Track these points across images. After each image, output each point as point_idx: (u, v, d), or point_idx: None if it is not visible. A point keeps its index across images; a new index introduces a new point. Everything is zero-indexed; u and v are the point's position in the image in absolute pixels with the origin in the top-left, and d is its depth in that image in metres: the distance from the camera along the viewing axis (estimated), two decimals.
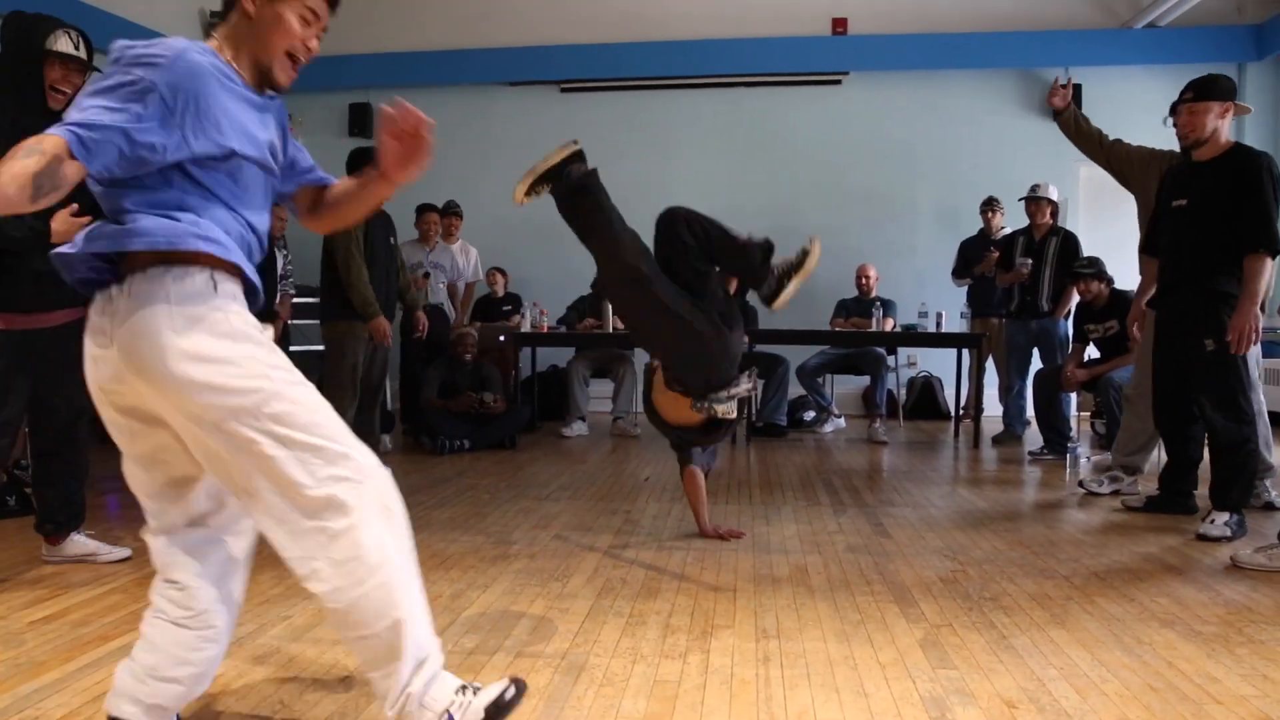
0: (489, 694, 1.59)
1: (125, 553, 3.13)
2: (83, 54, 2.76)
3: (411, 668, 1.55)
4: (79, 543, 3.09)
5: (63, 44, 2.70)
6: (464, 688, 1.60)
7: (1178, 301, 3.64)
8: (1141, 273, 4.21)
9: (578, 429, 6.49)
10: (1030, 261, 5.88)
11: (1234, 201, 3.46)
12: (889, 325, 6.67)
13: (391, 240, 5.21)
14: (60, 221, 2.56)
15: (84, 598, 2.69)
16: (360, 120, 8.43)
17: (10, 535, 3.37)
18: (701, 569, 3.07)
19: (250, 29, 1.62)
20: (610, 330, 6.39)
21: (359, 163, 4.66)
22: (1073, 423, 5.71)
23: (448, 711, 1.55)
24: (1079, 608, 2.64)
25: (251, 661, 2.19)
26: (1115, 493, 4.28)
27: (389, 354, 5.23)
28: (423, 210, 6.77)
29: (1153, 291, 3.87)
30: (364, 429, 4.97)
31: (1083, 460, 5.44)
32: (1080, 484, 4.47)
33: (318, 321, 5.14)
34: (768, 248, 3.20)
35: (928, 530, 3.66)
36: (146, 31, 7.42)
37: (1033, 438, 6.03)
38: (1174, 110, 3.68)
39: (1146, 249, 3.96)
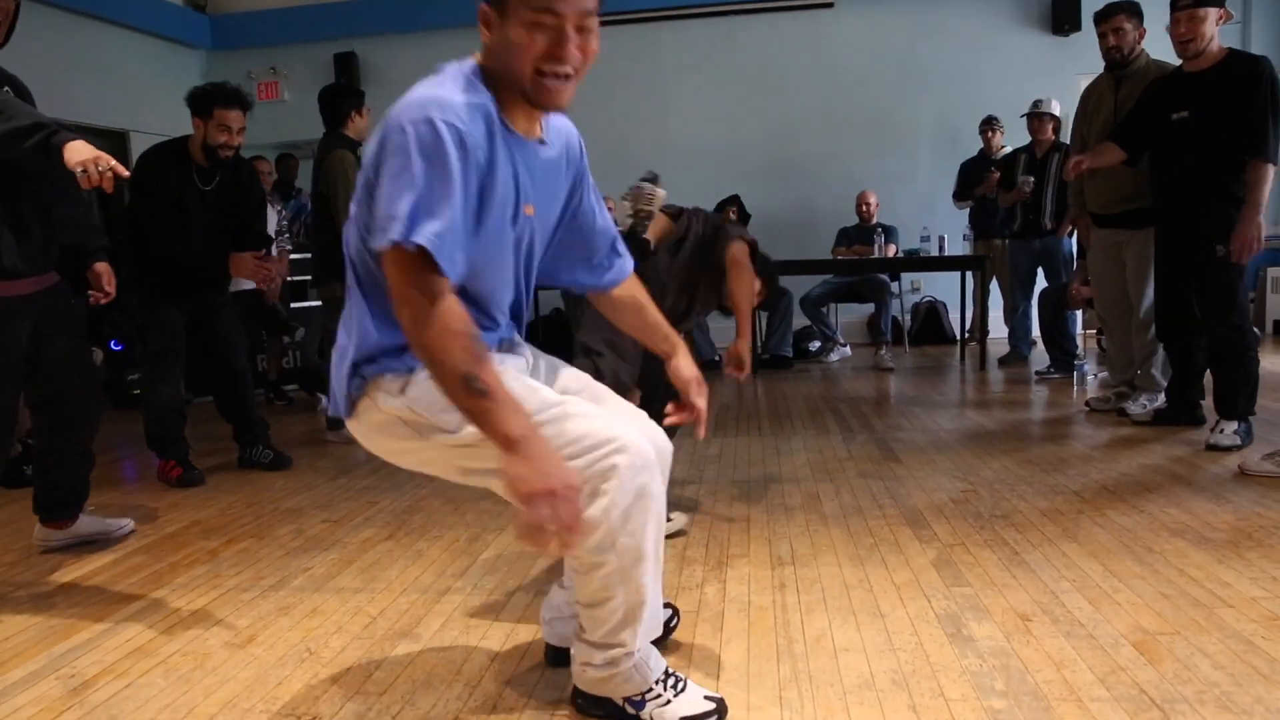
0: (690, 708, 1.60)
1: (129, 526, 3.00)
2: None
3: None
4: (85, 522, 2.90)
5: None
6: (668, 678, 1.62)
7: (1184, 211, 3.61)
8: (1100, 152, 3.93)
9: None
10: (1032, 180, 5.81)
11: (1236, 108, 3.41)
12: (891, 251, 6.63)
13: None
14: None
15: (108, 560, 2.74)
16: (346, 70, 8.27)
17: (29, 504, 3.40)
18: (715, 500, 3.10)
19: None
20: None
21: (333, 105, 4.37)
22: (1078, 340, 5.70)
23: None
24: (1090, 521, 2.66)
25: (276, 613, 2.23)
26: (1121, 411, 4.29)
27: None
28: None
29: (1104, 159, 3.85)
30: None
31: (1090, 377, 5.45)
32: (1087, 404, 4.47)
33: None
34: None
35: (937, 453, 3.68)
36: None
37: (1039, 357, 6.03)
38: (1174, 18, 3.59)
39: (1119, 139, 3.84)
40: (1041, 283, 5.97)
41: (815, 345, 7.11)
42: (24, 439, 3.92)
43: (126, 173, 2.19)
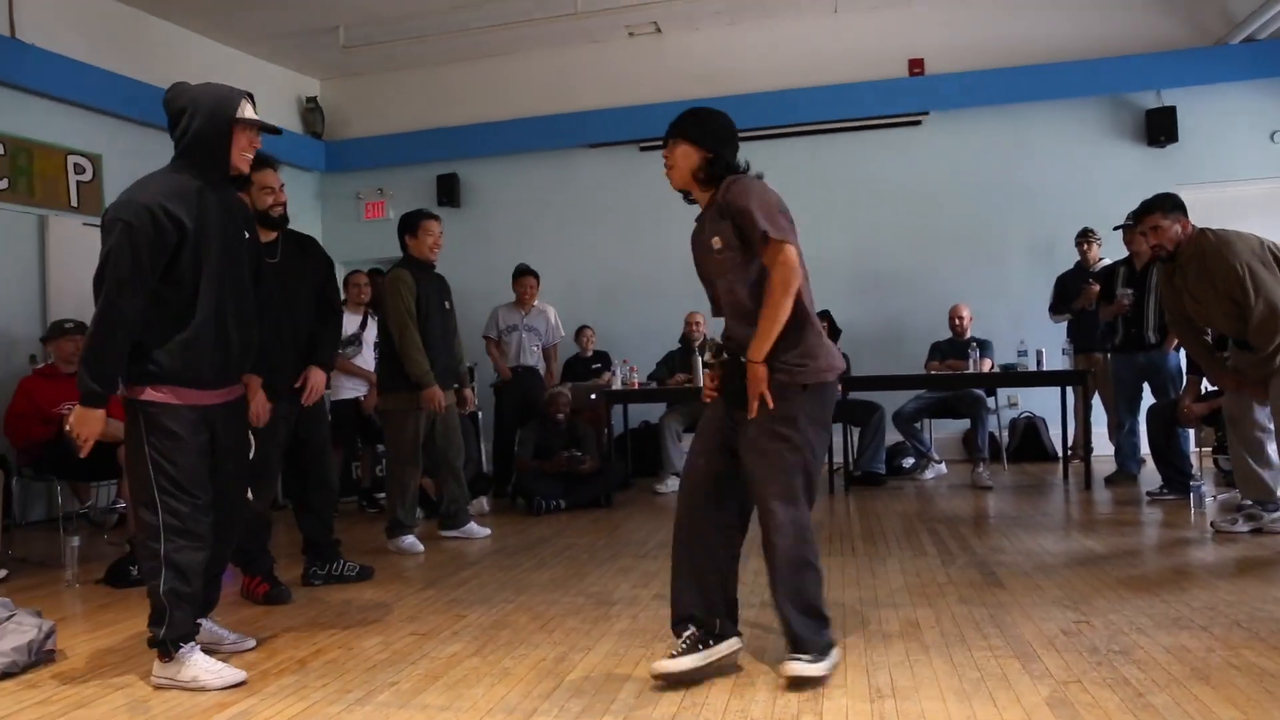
0: None
1: (250, 642, 2.96)
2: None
3: None
4: (205, 629, 2.83)
5: (247, 110, 2.75)
6: None
7: None
8: None
9: (672, 485, 6.44)
10: (1131, 292, 5.64)
11: None
12: (986, 366, 6.46)
13: (447, 304, 4.90)
14: None
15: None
16: (448, 190, 8.70)
17: (134, 605, 3.48)
18: None
19: None
20: (701, 384, 6.35)
21: (398, 231, 4.73)
22: (1193, 459, 5.39)
23: None
24: (1223, 660, 2.45)
25: None
26: (1257, 530, 4.00)
27: (458, 419, 4.96)
28: (520, 274, 6.91)
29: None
30: (453, 499, 4.92)
31: (1208, 499, 5.11)
32: (1211, 526, 4.18)
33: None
34: None
35: (1044, 578, 3.48)
36: None
37: (1149, 478, 5.71)
38: None
39: None
40: (1149, 398, 5.71)
41: (909, 462, 6.90)
42: (130, 539, 4.05)
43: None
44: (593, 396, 6.85)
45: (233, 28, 7.61)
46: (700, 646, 2.47)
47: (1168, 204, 4.16)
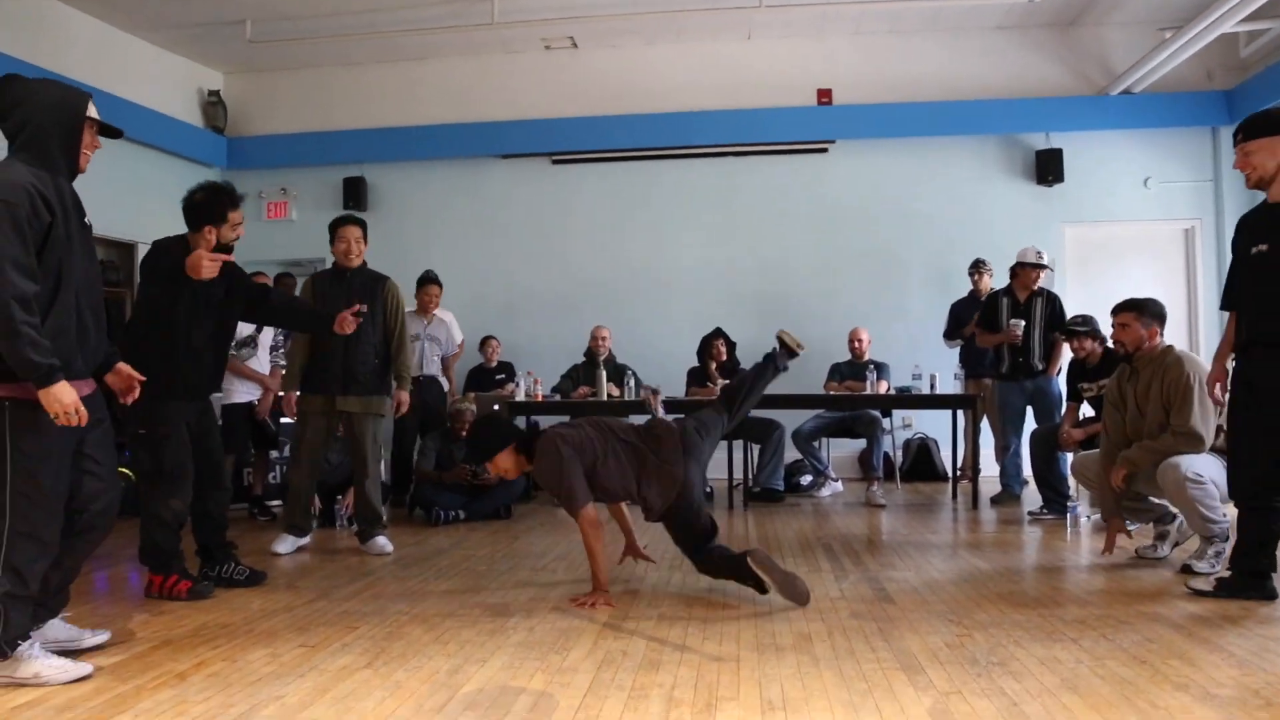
0: None
1: (104, 636, 2.95)
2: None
3: None
4: (57, 628, 2.86)
5: (93, 110, 2.76)
6: None
7: (1267, 356, 3.34)
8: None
9: None
10: (1023, 323, 5.93)
11: None
12: (883, 388, 6.68)
13: (362, 309, 4.46)
14: None
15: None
16: (354, 193, 8.52)
17: None
18: (703, 639, 3.01)
19: None
20: (605, 398, 6.39)
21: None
22: (1070, 481, 5.69)
23: None
24: (1089, 671, 2.59)
25: None
26: (1176, 544, 4.22)
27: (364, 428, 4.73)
28: (424, 282, 6.80)
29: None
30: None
31: (1083, 519, 5.40)
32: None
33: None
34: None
35: (931, 595, 3.61)
36: (147, 111, 7.56)
37: (1031, 497, 6.00)
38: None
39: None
40: (1029, 423, 6.01)
41: (807, 479, 7.07)
42: None
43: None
44: (495, 407, 6.78)
45: (129, 11, 7.22)
46: None
47: (1147, 310, 4.21)
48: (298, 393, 4.74)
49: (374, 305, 4.65)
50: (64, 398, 2.49)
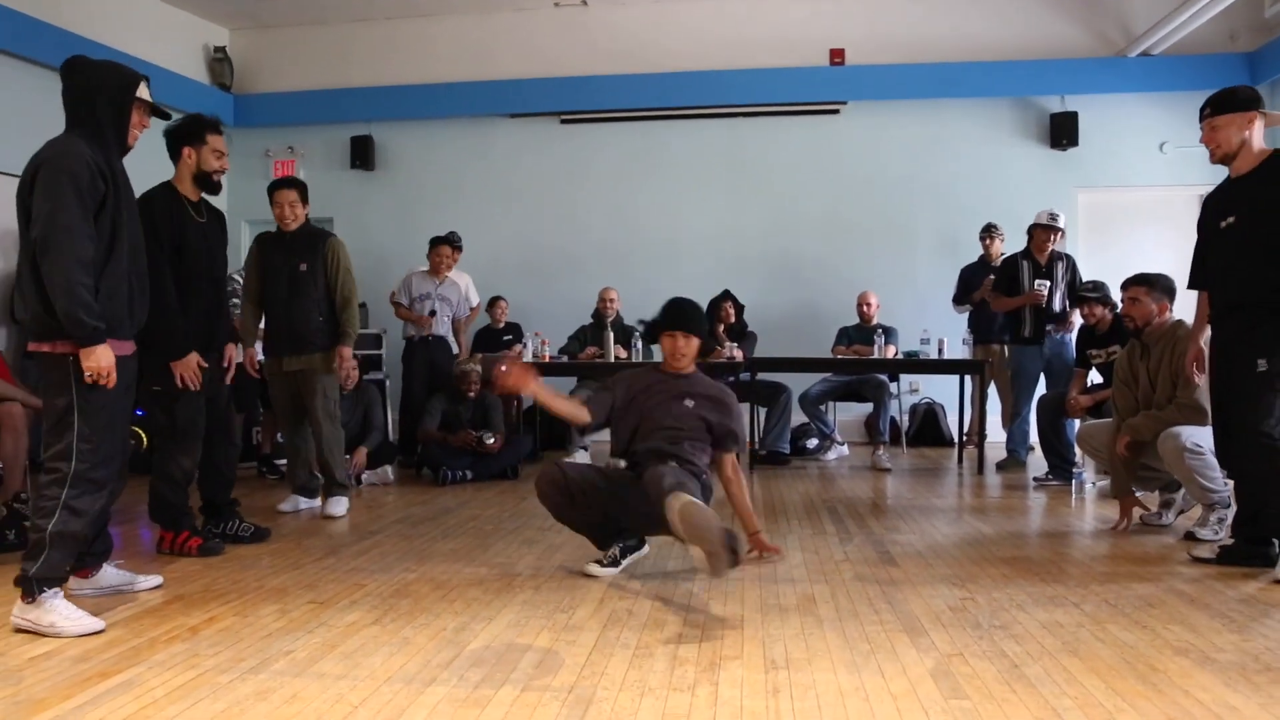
0: None
1: (157, 580, 3.19)
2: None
3: None
4: (111, 574, 3.11)
5: (144, 92, 2.96)
6: None
7: (1237, 323, 3.40)
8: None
9: (580, 458, 6.46)
10: (1048, 283, 5.88)
11: (1278, 210, 3.29)
12: (891, 352, 6.67)
13: (303, 267, 4.54)
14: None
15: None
16: (362, 152, 8.47)
17: (8, 570, 3.32)
18: (708, 599, 3.03)
19: None
20: (612, 359, 6.39)
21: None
22: (1076, 448, 5.69)
23: None
24: (1090, 635, 2.61)
25: (254, 697, 2.16)
26: (1180, 512, 4.26)
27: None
28: (436, 243, 6.78)
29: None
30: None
31: (1088, 486, 5.41)
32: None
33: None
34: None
35: (935, 558, 3.63)
36: (151, 67, 7.50)
37: (1036, 463, 6.00)
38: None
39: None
40: (1042, 390, 5.99)
41: (813, 443, 7.09)
42: (8, 502, 3.86)
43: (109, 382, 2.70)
44: (502, 368, 6.78)
45: None
46: None
47: (1158, 285, 4.21)
48: (260, 355, 4.76)
49: (315, 263, 4.57)
50: (102, 360, 2.68)
